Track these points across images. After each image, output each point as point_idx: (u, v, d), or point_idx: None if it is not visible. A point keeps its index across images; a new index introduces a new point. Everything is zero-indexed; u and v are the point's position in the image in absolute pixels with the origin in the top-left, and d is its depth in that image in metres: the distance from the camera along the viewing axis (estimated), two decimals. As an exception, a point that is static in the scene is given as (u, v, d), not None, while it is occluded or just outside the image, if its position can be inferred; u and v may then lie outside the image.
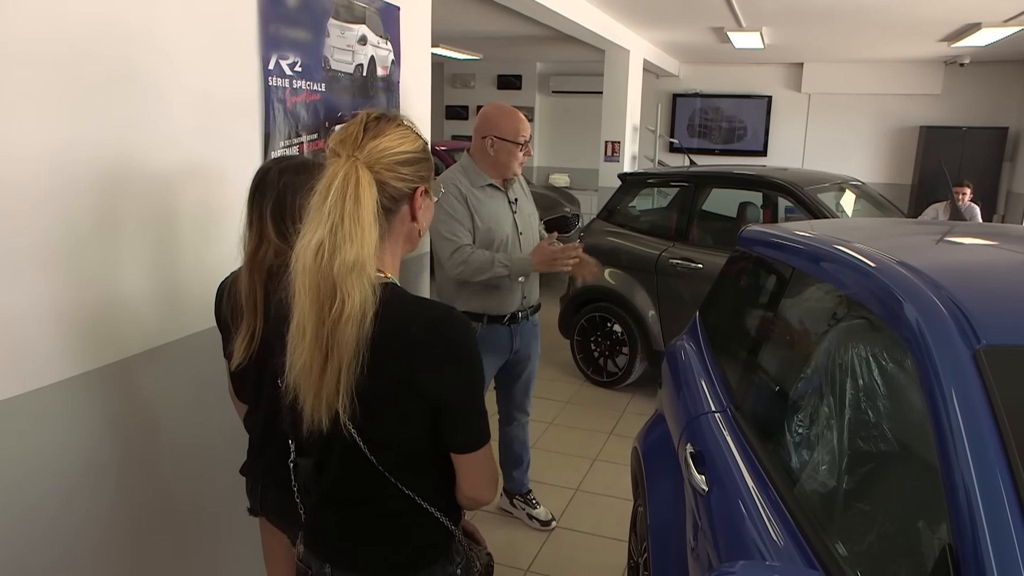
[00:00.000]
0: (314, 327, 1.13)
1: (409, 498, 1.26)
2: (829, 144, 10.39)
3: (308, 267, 1.13)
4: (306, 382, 1.16)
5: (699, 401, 2.08)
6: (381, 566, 1.31)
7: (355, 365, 1.14)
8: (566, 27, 6.32)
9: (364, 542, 1.31)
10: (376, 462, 1.23)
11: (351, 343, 1.13)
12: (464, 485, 1.28)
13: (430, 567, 1.31)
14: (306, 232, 1.15)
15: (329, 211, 1.12)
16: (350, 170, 1.13)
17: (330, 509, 1.34)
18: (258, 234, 1.65)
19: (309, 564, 1.36)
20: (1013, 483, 0.96)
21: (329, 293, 1.12)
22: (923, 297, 1.24)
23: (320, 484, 1.34)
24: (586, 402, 4.96)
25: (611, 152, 8.06)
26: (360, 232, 1.12)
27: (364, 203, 1.13)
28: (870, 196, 5.29)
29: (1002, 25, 6.43)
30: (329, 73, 2.57)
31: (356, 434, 1.20)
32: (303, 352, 1.15)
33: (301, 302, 1.14)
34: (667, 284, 4.86)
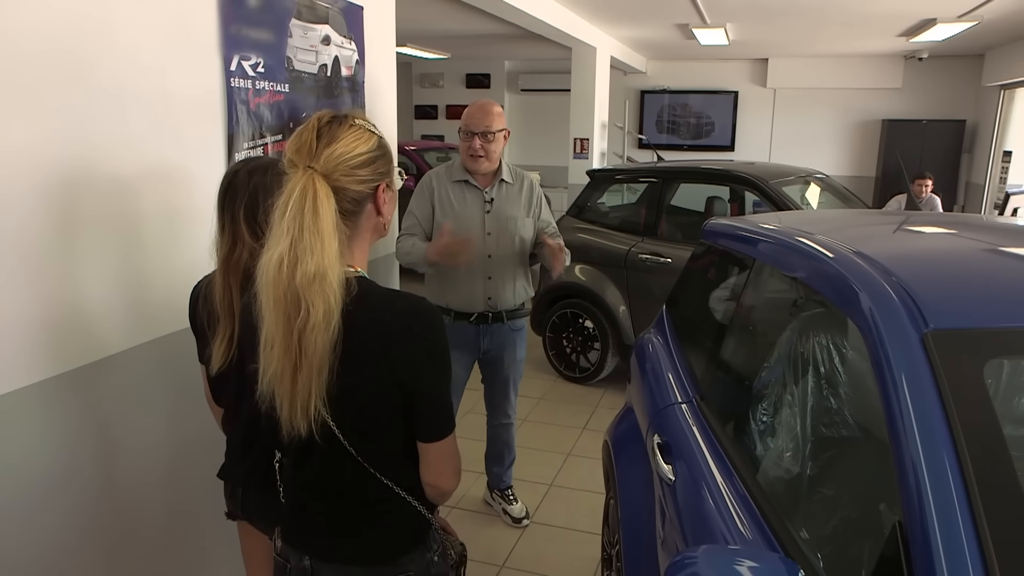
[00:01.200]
0: (283, 337, 1.17)
1: (388, 488, 1.30)
2: (795, 138, 10.54)
3: (272, 281, 1.16)
4: (280, 390, 1.19)
5: (666, 392, 2.11)
6: (361, 555, 1.33)
7: (326, 369, 1.17)
8: (532, 25, 6.34)
9: (344, 533, 1.34)
10: (356, 454, 1.26)
11: (319, 349, 1.16)
12: (427, 473, 1.31)
13: (409, 554, 1.35)
14: (268, 247, 1.18)
15: (288, 226, 1.15)
16: (307, 183, 1.16)
17: (309, 502, 1.36)
18: (231, 237, 1.64)
19: (287, 557, 1.39)
20: (958, 461, 0.99)
21: (294, 304, 1.15)
22: (875, 284, 1.28)
23: (299, 478, 1.36)
24: (559, 398, 4.99)
25: (580, 149, 8.11)
26: (320, 243, 1.15)
27: (323, 215, 1.16)
28: (834, 189, 5.38)
29: (956, 21, 6.58)
30: (292, 73, 2.56)
31: (338, 430, 1.24)
32: (274, 362, 1.18)
33: (268, 315, 1.18)
34: (637, 279, 4.91)
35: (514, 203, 2.95)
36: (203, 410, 1.87)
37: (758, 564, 1.10)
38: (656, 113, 11.31)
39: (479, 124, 2.77)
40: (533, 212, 3.00)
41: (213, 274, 1.68)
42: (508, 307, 2.98)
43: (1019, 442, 1.21)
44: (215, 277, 1.65)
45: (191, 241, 2.15)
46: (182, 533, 2.21)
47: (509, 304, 2.98)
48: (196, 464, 2.19)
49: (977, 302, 1.23)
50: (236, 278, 1.62)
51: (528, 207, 2.99)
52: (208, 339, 1.67)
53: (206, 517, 2.15)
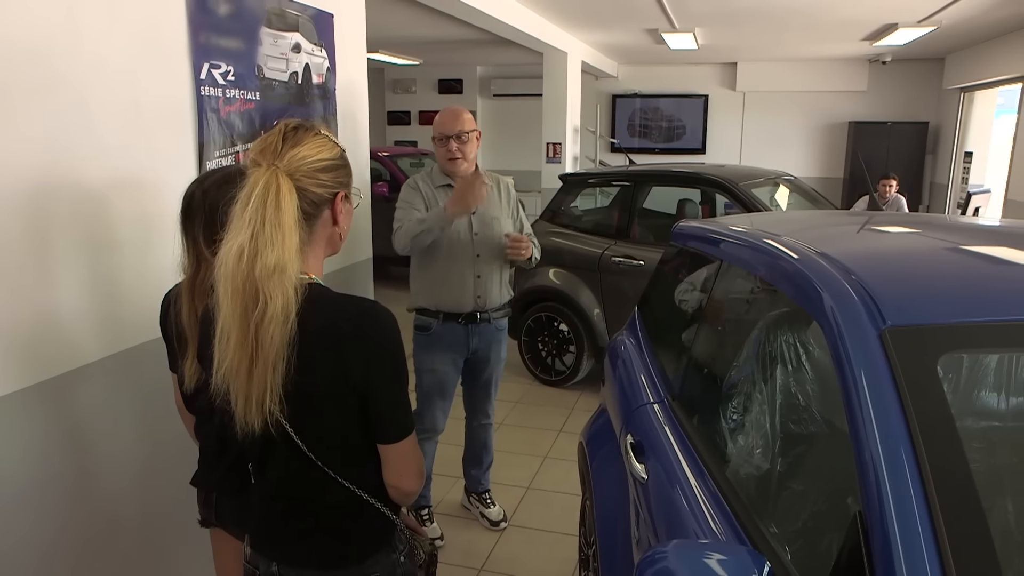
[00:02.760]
0: (239, 330, 1.17)
1: (349, 491, 1.30)
2: (765, 140, 10.70)
3: (231, 271, 1.17)
4: (235, 384, 1.19)
5: (638, 393, 2.14)
6: (327, 559, 1.34)
7: (282, 365, 1.18)
8: (503, 31, 6.38)
9: (309, 537, 1.34)
10: (315, 457, 1.27)
11: (276, 343, 1.17)
12: (389, 474, 1.32)
13: (374, 555, 1.36)
14: (228, 238, 1.19)
15: (250, 217, 1.17)
16: (271, 178, 1.18)
17: (274, 507, 1.37)
18: (195, 259, 1.64)
19: (256, 564, 1.39)
20: (914, 452, 1.03)
21: (252, 296, 1.16)
22: (836, 283, 1.32)
23: (263, 484, 1.36)
24: (535, 401, 5.01)
25: (553, 153, 8.16)
26: (281, 237, 1.17)
27: (285, 208, 1.18)
28: (802, 190, 5.48)
29: (916, 25, 6.74)
30: (263, 81, 2.57)
31: (294, 432, 1.25)
32: (229, 354, 1.18)
33: (225, 306, 1.18)
34: (610, 282, 4.95)
35: (495, 204, 3.02)
36: (174, 418, 1.87)
37: (726, 557, 1.14)
38: (628, 117, 11.41)
39: (452, 127, 2.83)
40: (512, 214, 3.09)
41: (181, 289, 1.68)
42: (495, 306, 3.05)
43: (978, 434, 1.26)
44: (182, 299, 1.64)
45: (162, 251, 2.15)
46: (155, 541, 2.19)
47: (495, 303, 3.05)
48: (169, 472, 2.19)
49: (933, 299, 1.28)
50: (202, 300, 1.59)
51: (508, 209, 3.07)
52: (177, 352, 1.67)
53: (179, 525, 2.15)
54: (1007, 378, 1.24)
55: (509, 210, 3.07)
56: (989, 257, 1.59)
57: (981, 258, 1.57)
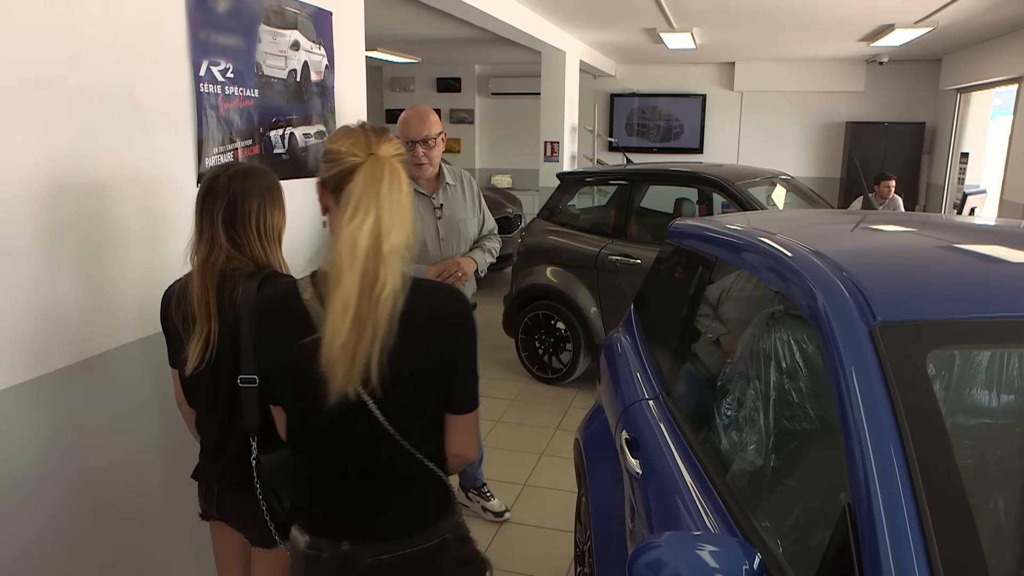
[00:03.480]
0: (356, 305, 1.22)
1: (419, 461, 1.38)
2: (762, 140, 10.72)
3: (361, 250, 1.22)
4: (343, 357, 1.23)
5: (633, 389, 2.16)
6: (401, 528, 1.41)
7: (388, 339, 1.24)
8: (501, 30, 6.39)
9: (382, 510, 1.41)
10: (394, 431, 1.33)
11: (385, 319, 1.24)
12: (454, 444, 1.42)
13: (441, 519, 1.44)
14: (353, 219, 1.23)
15: (380, 200, 1.24)
16: (384, 164, 1.27)
17: (343, 487, 1.41)
18: (209, 240, 1.67)
19: (320, 549, 1.42)
20: (902, 446, 1.05)
21: (373, 274, 1.23)
22: (827, 281, 1.34)
23: (328, 465, 1.40)
24: (532, 399, 5.03)
25: (550, 152, 8.17)
26: (403, 218, 1.27)
27: (404, 191, 1.29)
28: (799, 190, 5.50)
29: (913, 26, 6.76)
30: (262, 79, 2.58)
31: (376, 408, 1.31)
32: (345, 330, 1.22)
33: (348, 282, 1.22)
34: (607, 280, 4.97)
35: (460, 205, 3.01)
36: (173, 414, 1.89)
37: (718, 548, 1.15)
38: (626, 116, 11.43)
39: (419, 132, 2.78)
40: (475, 210, 3.07)
41: (187, 277, 1.70)
42: None
43: (968, 430, 1.28)
44: (192, 279, 1.67)
45: (164, 246, 2.16)
46: (155, 535, 2.21)
47: None
48: (167, 466, 2.21)
49: (922, 295, 1.30)
50: (212, 281, 1.65)
51: (473, 207, 3.06)
52: (182, 342, 1.69)
53: (176, 521, 2.16)
54: (997, 375, 1.26)
55: (475, 207, 3.06)
56: (980, 255, 1.61)
57: (972, 256, 1.59)
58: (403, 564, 1.40)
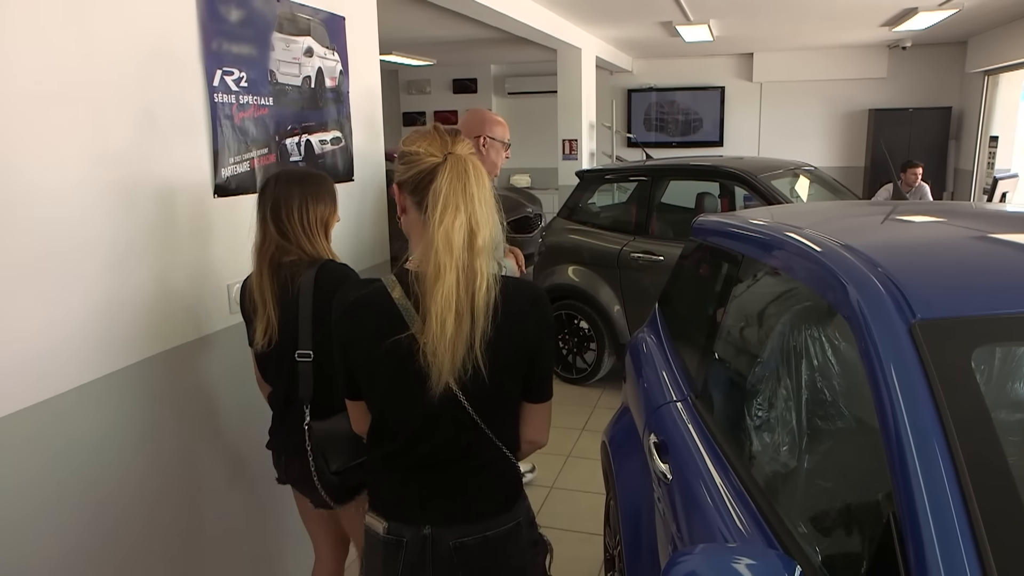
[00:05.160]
0: (457, 300, 1.28)
1: (497, 448, 1.45)
2: (783, 131, 10.56)
3: (456, 246, 1.28)
4: (447, 351, 1.28)
5: (660, 391, 2.11)
6: (482, 512, 1.47)
7: (487, 332, 1.30)
8: (515, 28, 6.35)
9: (463, 494, 1.47)
10: (479, 420, 1.39)
11: (483, 313, 1.30)
12: (531, 431, 1.50)
13: (516, 503, 1.52)
14: (446, 216, 1.28)
15: (468, 198, 1.29)
16: (465, 162, 1.32)
17: (429, 472, 1.46)
18: (262, 232, 1.93)
19: (401, 534, 1.46)
20: (949, 451, 0.99)
21: (470, 269, 1.29)
22: (862, 276, 1.28)
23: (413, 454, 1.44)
24: (557, 400, 4.92)
25: (569, 150, 8.12)
26: (489, 215, 1.32)
27: (486, 186, 1.34)
28: (823, 180, 5.40)
29: (937, 9, 6.60)
30: (276, 87, 2.56)
31: (464, 397, 1.36)
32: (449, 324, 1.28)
33: (449, 279, 1.28)
34: (630, 278, 4.91)
35: None
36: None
37: (756, 562, 1.10)
38: (644, 111, 11.33)
39: (508, 135, 3.08)
40: None
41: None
42: None
43: (1013, 427, 1.22)
44: (253, 266, 1.95)
45: (182, 255, 2.15)
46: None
47: None
48: (206, 471, 2.20)
49: (963, 290, 1.23)
50: (267, 268, 1.90)
51: None
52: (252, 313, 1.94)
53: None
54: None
55: None
56: (1017, 245, 1.54)
57: (1012, 246, 1.52)
58: (482, 546, 1.45)
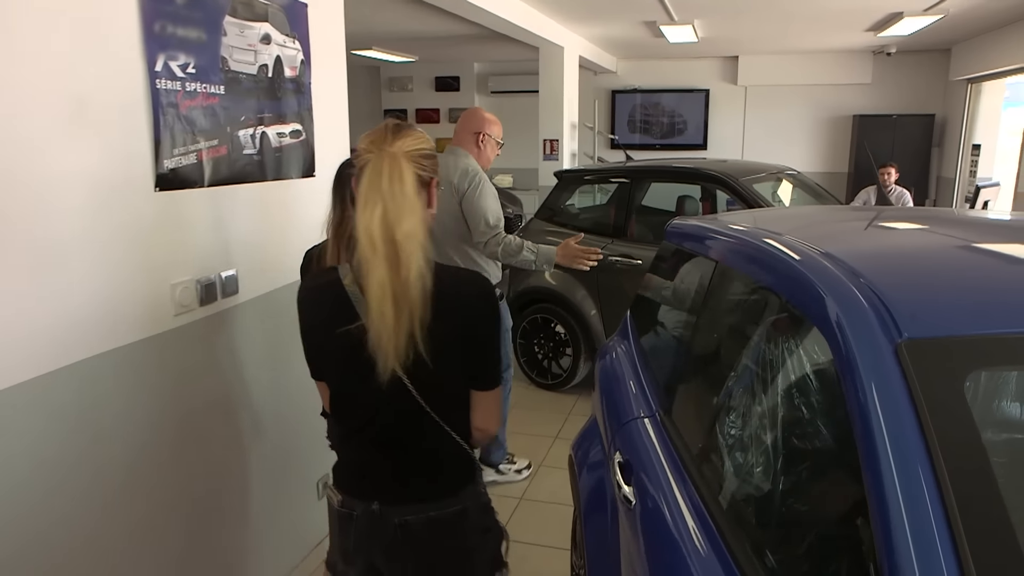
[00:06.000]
0: (391, 287, 1.34)
1: (446, 434, 1.51)
2: (767, 135, 10.50)
3: (377, 239, 1.34)
4: (384, 336, 1.35)
5: (627, 406, 1.98)
6: (428, 494, 1.54)
7: (424, 318, 1.36)
8: (498, 25, 6.22)
9: (410, 476, 1.54)
10: (425, 404, 1.46)
11: (418, 299, 1.35)
12: (480, 418, 1.56)
13: (465, 488, 1.58)
14: (364, 211, 1.36)
15: (383, 192, 1.35)
16: (391, 159, 1.38)
17: (379, 453, 1.55)
18: (340, 213, 2.02)
19: (352, 507, 1.56)
20: (937, 486, 0.87)
21: (394, 257, 1.34)
22: (842, 288, 1.15)
23: (366, 432, 1.54)
24: (531, 405, 4.85)
25: (550, 150, 7.99)
26: (409, 207, 1.36)
27: (408, 182, 1.38)
28: (806, 185, 5.31)
29: (922, 14, 6.54)
30: (228, 74, 2.40)
31: (409, 382, 1.42)
32: (387, 311, 1.34)
33: (378, 268, 1.34)
34: (608, 282, 4.79)
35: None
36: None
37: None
38: (628, 113, 11.22)
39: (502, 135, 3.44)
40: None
41: (324, 243, 2.08)
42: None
43: (1002, 448, 1.10)
44: (328, 244, 2.04)
45: (117, 252, 1.99)
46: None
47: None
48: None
49: (956, 306, 1.11)
50: (344, 244, 1.96)
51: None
52: None
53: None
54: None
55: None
56: (1013, 257, 1.42)
57: (1006, 258, 1.40)
58: (427, 526, 1.52)
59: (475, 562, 1.60)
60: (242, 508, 2.59)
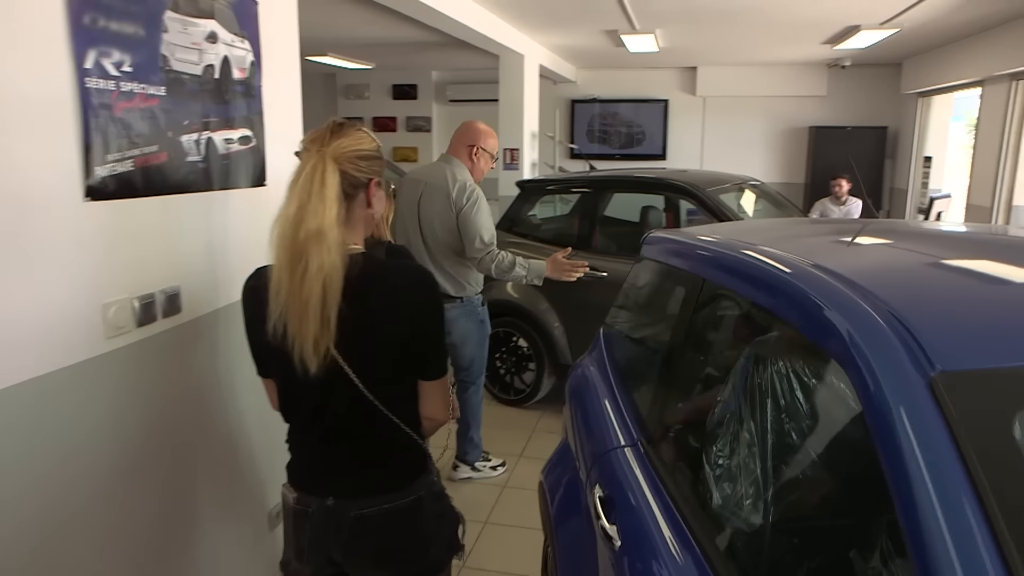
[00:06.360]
0: (288, 283, 1.38)
1: (396, 425, 1.53)
2: (726, 145, 10.55)
3: (282, 235, 1.39)
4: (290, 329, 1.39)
5: (606, 434, 1.84)
6: (382, 486, 1.57)
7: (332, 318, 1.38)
8: (458, 31, 6.08)
9: (364, 469, 1.57)
10: (372, 396, 1.48)
11: (316, 295, 1.37)
12: (428, 407, 1.59)
13: (418, 478, 1.61)
14: (283, 208, 1.41)
15: (300, 191, 1.40)
16: (319, 160, 1.42)
17: (329, 448, 1.57)
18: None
19: (307, 504, 1.58)
20: (991, 531, 0.74)
21: (297, 255, 1.37)
22: (859, 314, 1.03)
23: (317, 427, 1.56)
24: (494, 423, 4.69)
25: (510, 160, 7.86)
26: (323, 207, 1.38)
27: (328, 184, 1.40)
28: (769, 195, 5.27)
29: (879, 27, 6.61)
30: (170, 74, 2.21)
31: (354, 374, 1.46)
32: (281, 304, 1.39)
33: (276, 265, 1.40)
34: (572, 295, 4.66)
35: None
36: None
37: None
38: (587, 123, 11.18)
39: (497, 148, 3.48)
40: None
41: None
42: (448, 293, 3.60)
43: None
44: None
45: (36, 269, 1.79)
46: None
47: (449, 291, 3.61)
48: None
49: (994, 334, 0.99)
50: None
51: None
52: None
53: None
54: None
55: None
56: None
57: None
58: (383, 518, 1.55)
59: (432, 549, 1.64)
60: (187, 547, 2.38)
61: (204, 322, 2.40)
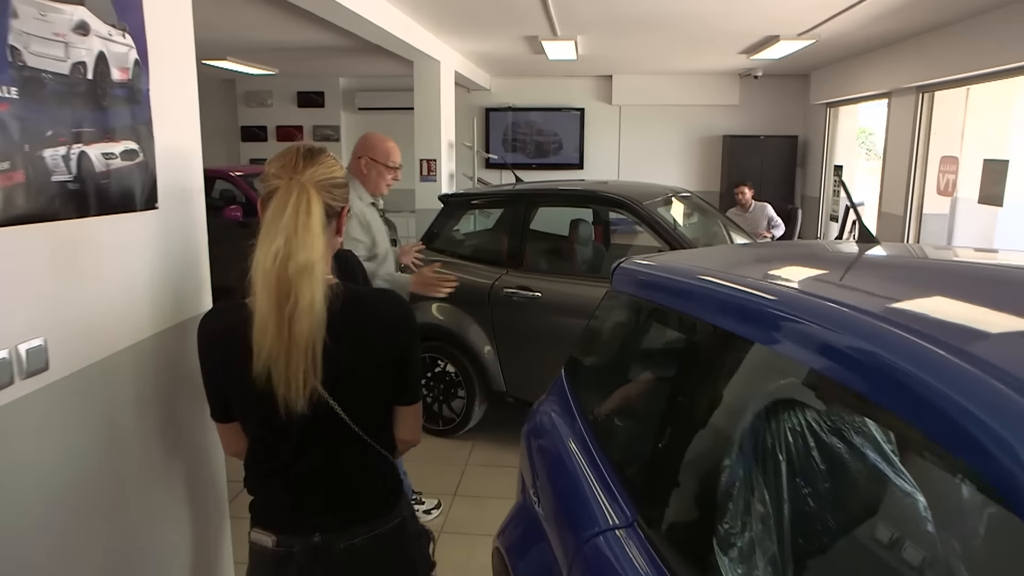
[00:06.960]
0: (275, 323, 1.32)
1: (378, 452, 1.52)
2: (642, 154, 10.53)
3: (267, 271, 1.32)
4: (275, 371, 1.34)
5: (590, 512, 1.51)
6: (369, 513, 1.54)
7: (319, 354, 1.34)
8: (369, 33, 5.68)
9: (349, 499, 1.52)
10: (357, 428, 1.45)
11: (306, 333, 1.33)
12: (404, 431, 1.58)
13: (399, 501, 1.60)
14: (263, 243, 1.34)
15: (285, 224, 1.34)
16: (302, 189, 1.37)
17: (313, 485, 1.51)
18: None
19: (291, 545, 1.51)
20: None
21: (284, 293, 1.32)
22: (1008, 405, 0.75)
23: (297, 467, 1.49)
24: (422, 457, 4.26)
25: (427, 171, 7.50)
26: (311, 240, 1.34)
27: (314, 214, 1.36)
28: (698, 206, 5.13)
29: (796, 38, 6.65)
30: (24, 72, 1.75)
31: (339, 407, 1.42)
32: (267, 344, 1.33)
33: (262, 301, 1.33)
34: (503, 316, 4.35)
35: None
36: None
37: None
38: (502, 131, 10.94)
39: (398, 159, 3.25)
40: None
41: None
42: None
43: None
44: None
45: None
46: None
47: None
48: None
49: None
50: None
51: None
52: None
53: None
54: None
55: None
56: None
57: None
58: (373, 545, 1.53)
59: (418, 568, 1.65)
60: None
61: (81, 377, 1.93)
